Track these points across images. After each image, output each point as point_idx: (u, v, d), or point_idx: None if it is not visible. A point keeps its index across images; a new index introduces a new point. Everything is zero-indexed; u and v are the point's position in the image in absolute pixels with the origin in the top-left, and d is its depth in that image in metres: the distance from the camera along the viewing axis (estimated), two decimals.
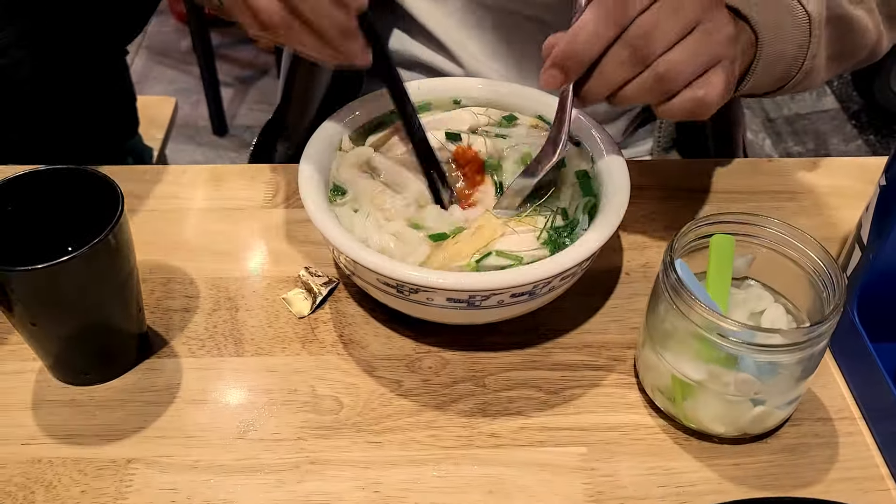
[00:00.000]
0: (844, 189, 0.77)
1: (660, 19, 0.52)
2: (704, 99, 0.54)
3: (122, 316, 0.58)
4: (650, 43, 0.52)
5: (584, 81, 0.55)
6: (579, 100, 0.56)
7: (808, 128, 2.60)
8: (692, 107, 0.55)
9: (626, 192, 0.60)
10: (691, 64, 0.53)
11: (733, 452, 0.56)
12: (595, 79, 0.54)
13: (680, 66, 0.53)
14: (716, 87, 0.54)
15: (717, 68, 0.55)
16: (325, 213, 0.58)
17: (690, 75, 0.54)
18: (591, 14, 0.52)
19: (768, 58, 0.62)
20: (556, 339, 0.63)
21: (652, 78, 0.53)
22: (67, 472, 0.54)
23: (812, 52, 0.64)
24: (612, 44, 0.53)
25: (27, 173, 0.56)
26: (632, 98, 0.55)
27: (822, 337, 0.51)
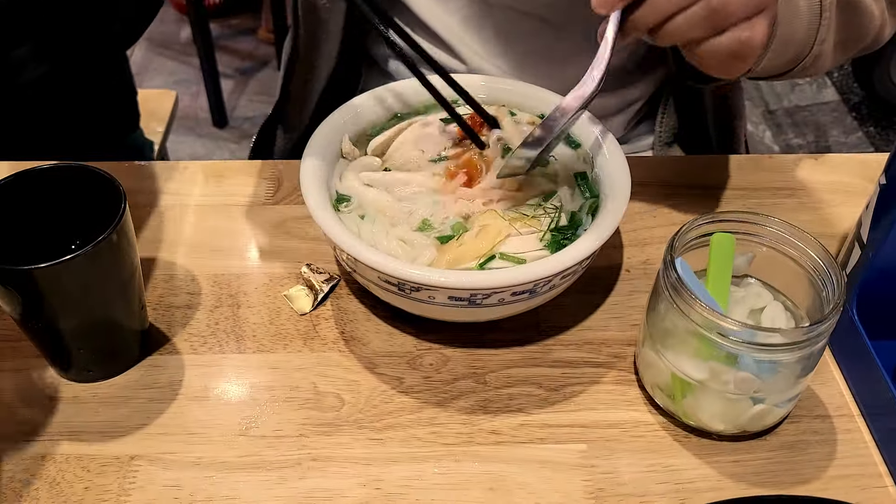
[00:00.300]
0: (845, 186, 0.77)
1: None
2: (750, 41, 0.54)
3: (124, 313, 0.58)
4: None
5: (633, 10, 0.54)
6: (623, 32, 0.55)
7: (808, 119, 2.59)
8: (738, 47, 0.54)
9: (626, 191, 0.60)
10: (743, 5, 0.53)
11: (732, 449, 0.57)
12: (647, 4, 0.53)
13: (733, 4, 0.53)
14: (760, 32, 0.54)
15: (761, 15, 0.55)
16: (326, 211, 0.58)
17: (740, 15, 0.54)
18: None
19: (781, 38, 0.62)
20: (556, 336, 0.63)
21: (704, 10, 0.53)
22: (71, 469, 0.55)
23: (821, 37, 0.64)
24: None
25: (29, 170, 0.56)
26: (678, 30, 0.54)
27: (821, 336, 0.51)
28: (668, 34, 0.54)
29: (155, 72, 2.54)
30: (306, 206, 0.59)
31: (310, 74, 0.84)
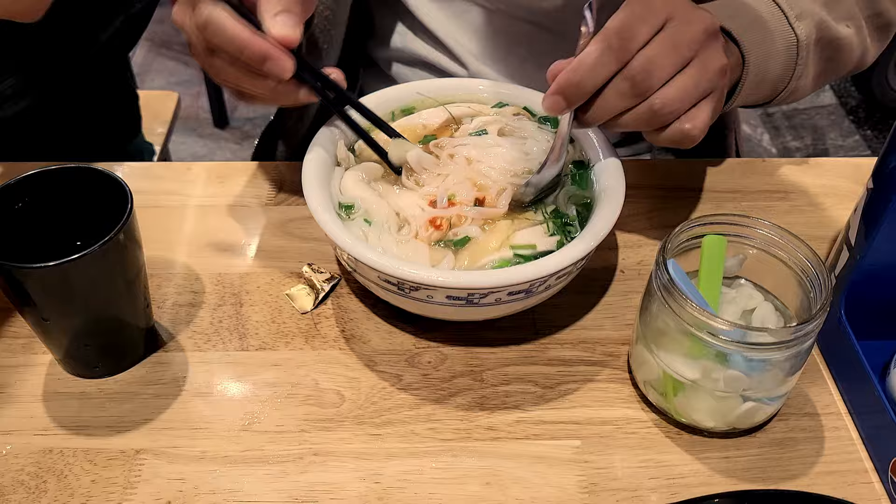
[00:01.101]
0: (837, 189, 0.78)
1: (659, 55, 0.55)
2: (690, 132, 0.58)
3: (130, 311, 0.60)
4: (649, 78, 0.55)
5: (586, 108, 0.57)
6: (578, 122, 0.59)
7: (805, 123, 2.61)
8: (679, 138, 0.58)
9: (620, 194, 0.61)
10: (684, 100, 0.56)
11: (723, 446, 0.58)
12: (595, 107, 0.57)
13: (674, 102, 0.56)
14: (701, 121, 0.58)
15: (705, 101, 0.58)
16: (327, 212, 0.59)
17: (682, 110, 0.57)
18: (595, 47, 0.55)
19: (755, 78, 0.65)
20: (552, 335, 0.65)
21: (647, 110, 0.56)
22: (78, 462, 0.56)
23: (798, 74, 0.67)
24: (614, 76, 0.56)
25: (38, 172, 0.57)
26: (627, 126, 0.58)
27: (809, 335, 0.52)
28: (619, 127, 0.58)
29: (156, 72, 2.55)
30: (308, 207, 0.60)
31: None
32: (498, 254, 0.60)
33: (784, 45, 0.65)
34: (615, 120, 0.58)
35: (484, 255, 0.60)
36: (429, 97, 0.71)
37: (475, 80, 0.73)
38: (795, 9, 0.66)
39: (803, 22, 0.66)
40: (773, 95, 0.69)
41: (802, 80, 0.68)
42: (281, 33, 0.56)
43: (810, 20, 0.66)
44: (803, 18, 0.66)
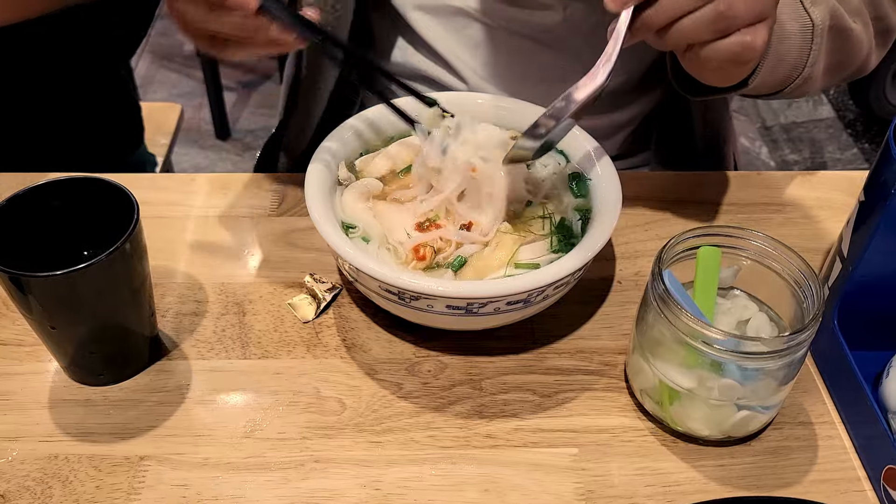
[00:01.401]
0: (831, 202, 0.80)
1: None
2: (752, 45, 0.56)
3: (135, 320, 0.61)
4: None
5: (644, 9, 0.56)
6: (634, 31, 0.57)
7: (804, 136, 2.63)
8: (740, 50, 0.57)
9: (617, 205, 0.62)
10: (748, 10, 0.55)
11: (718, 454, 0.59)
12: (659, 5, 0.55)
13: (738, 8, 0.55)
14: (762, 37, 0.57)
15: (763, 23, 0.57)
16: (330, 223, 0.61)
17: (744, 20, 0.56)
18: None
19: (773, 58, 0.64)
20: (550, 344, 0.66)
21: (712, 13, 0.55)
22: (83, 468, 0.57)
23: (812, 60, 0.67)
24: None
25: (47, 182, 0.59)
26: (686, 32, 0.56)
27: (801, 345, 0.53)
28: (676, 35, 0.56)
29: (159, 84, 2.57)
30: (310, 217, 0.61)
31: (312, 96, 0.86)
32: (502, 270, 0.61)
33: (800, 28, 0.65)
34: (675, 24, 0.56)
35: (488, 273, 0.61)
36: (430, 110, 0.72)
37: (473, 94, 0.74)
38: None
39: (818, 7, 0.66)
40: (787, 82, 0.68)
41: (816, 68, 0.68)
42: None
43: (824, 6, 0.67)
44: (818, 4, 0.66)
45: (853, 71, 0.75)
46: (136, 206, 0.57)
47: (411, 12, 0.82)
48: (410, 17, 0.83)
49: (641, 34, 0.57)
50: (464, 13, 0.81)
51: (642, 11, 0.56)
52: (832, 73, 0.72)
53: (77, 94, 1.02)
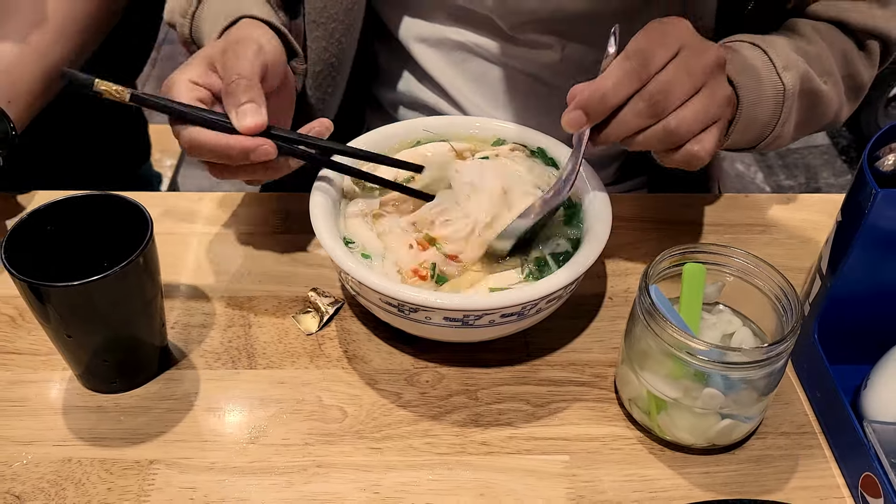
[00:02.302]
0: (815, 223, 0.83)
1: (674, 79, 0.59)
2: (698, 154, 0.62)
3: (147, 330, 0.63)
4: (665, 99, 0.59)
5: (602, 127, 0.61)
6: (594, 142, 0.62)
7: (799, 162, 2.67)
8: (689, 159, 0.62)
9: (608, 223, 0.65)
10: (696, 122, 0.60)
11: (703, 462, 0.61)
12: (613, 125, 0.60)
13: (687, 123, 0.60)
14: (710, 144, 0.62)
15: (714, 126, 0.62)
16: (334, 239, 0.63)
17: (694, 131, 0.61)
18: (617, 68, 0.59)
19: (746, 120, 0.69)
20: (543, 357, 0.68)
21: (662, 130, 0.60)
22: (95, 472, 0.59)
23: (782, 121, 0.72)
24: (632, 96, 0.59)
25: (66, 198, 0.62)
26: (642, 145, 0.61)
27: (780, 356, 0.56)
28: (633, 146, 0.62)
29: None
30: (315, 234, 0.64)
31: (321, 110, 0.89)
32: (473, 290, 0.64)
33: (772, 92, 0.70)
34: (630, 139, 0.61)
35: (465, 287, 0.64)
36: (432, 132, 0.75)
37: (472, 118, 0.78)
38: (783, 60, 0.71)
39: (790, 72, 0.71)
40: (758, 140, 0.73)
41: (786, 127, 0.73)
42: (250, 124, 0.63)
43: (795, 71, 0.71)
44: (790, 69, 0.71)
45: (823, 126, 0.81)
46: (151, 221, 0.60)
47: (414, 45, 0.86)
48: (413, 50, 0.86)
49: (602, 145, 0.62)
50: (465, 48, 0.84)
51: (600, 129, 0.61)
52: (803, 129, 0.78)
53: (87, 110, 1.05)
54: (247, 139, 0.63)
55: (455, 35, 0.84)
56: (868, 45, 0.78)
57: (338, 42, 0.81)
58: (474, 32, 0.83)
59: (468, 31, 0.83)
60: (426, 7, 0.83)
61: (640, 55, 0.59)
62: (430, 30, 0.84)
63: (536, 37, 0.81)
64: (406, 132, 0.75)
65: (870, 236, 0.58)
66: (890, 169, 0.58)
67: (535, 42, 0.82)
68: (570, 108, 0.60)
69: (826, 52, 0.75)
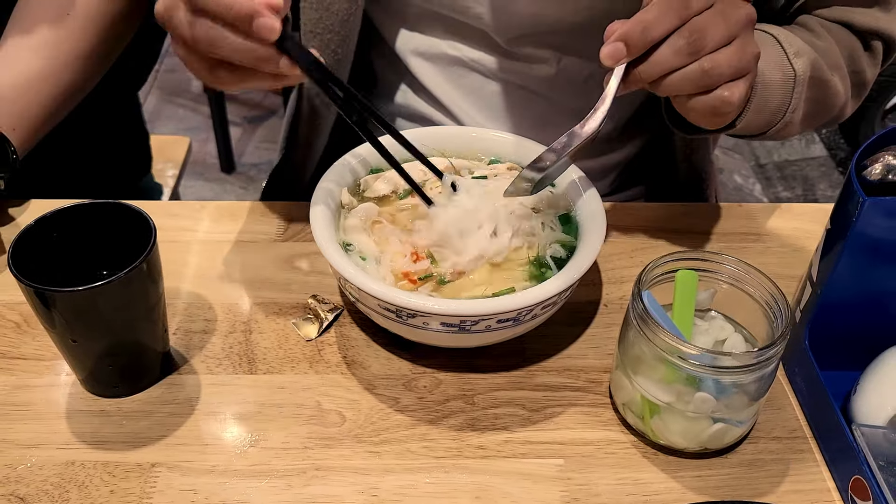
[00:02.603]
0: (808, 232, 0.84)
1: (711, 23, 0.60)
2: (729, 99, 0.62)
3: (150, 335, 0.65)
4: (703, 39, 0.60)
5: (636, 64, 0.61)
6: (627, 82, 0.62)
7: (797, 174, 2.68)
8: (720, 104, 0.62)
9: (602, 230, 0.67)
10: (730, 67, 0.61)
11: (696, 466, 0.62)
12: (650, 61, 0.61)
13: (721, 66, 0.61)
14: (739, 93, 0.62)
15: (744, 79, 0.63)
16: (333, 246, 0.65)
17: (726, 76, 0.61)
18: (658, 4, 0.60)
19: (758, 103, 0.70)
20: (539, 362, 0.69)
21: (698, 70, 0.60)
22: (98, 474, 0.60)
23: (793, 107, 0.73)
24: (670, 34, 0.60)
25: (71, 206, 0.63)
26: (674, 84, 0.61)
27: (770, 360, 0.57)
28: (665, 88, 0.62)
29: (167, 119, 2.63)
30: (315, 242, 0.65)
31: (314, 130, 0.90)
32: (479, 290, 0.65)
33: (783, 78, 0.71)
34: (664, 79, 0.61)
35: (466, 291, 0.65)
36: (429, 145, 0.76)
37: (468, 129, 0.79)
38: (794, 47, 0.72)
39: (800, 59, 0.72)
40: (769, 125, 0.74)
41: (796, 114, 0.74)
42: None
43: (806, 58, 0.73)
44: (800, 56, 0.72)
45: (831, 118, 0.82)
46: (154, 228, 0.61)
47: (411, 58, 0.87)
48: (410, 63, 0.88)
49: (633, 86, 0.63)
50: (461, 62, 0.85)
51: (635, 67, 0.61)
52: (811, 119, 0.79)
53: (91, 122, 1.07)
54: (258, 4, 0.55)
55: (451, 49, 0.85)
56: (872, 44, 0.80)
57: (333, 53, 0.82)
58: (470, 46, 0.84)
59: (464, 44, 0.84)
60: (422, 21, 0.85)
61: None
62: (426, 43, 0.86)
63: (532, 50, 0.83)
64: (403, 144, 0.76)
65: (857, 244, 0.59)
66: (877, 178, 0.59)
67: (530, 56, 0.83)
68: (608, 41, 0.60)
69: (834, 47, 0.77)
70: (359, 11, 0.80)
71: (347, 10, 0.79)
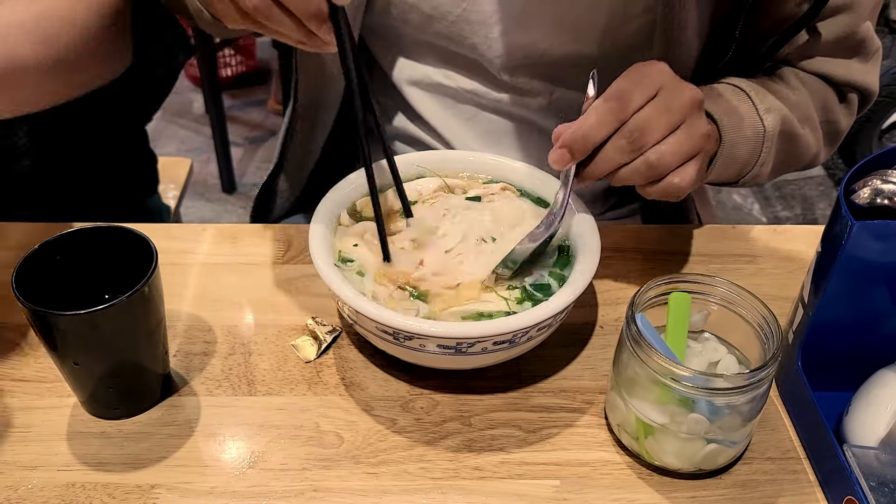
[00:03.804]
0: (800, 254, 0.85)
1: (653, 117, 0.63)
2: (680, 185, 0.65)
3: (150, 358, 0.65)
4: (644, 135, 0.63)
5: (586, 164, 0.65)
6: (579, 178, 0.66)
7: (795, 193, 2.69)
8: (671, 190, 0.65)
9: (596, 253, 0.68)
10: (676, 155, 0.64)
11: (690, 487, 0.63)
12: (596, 161, 0.64)
13: (667, 157, 0.63)
14: (690, 176, 0.65)
15: (693, 160, 0.65)
16: (331, 270, 0.66)
17: (674, 164, 0.64)
18: (598, 108, 0.63)
19: (727, 158, 0.73)
20: (535, 384, 0.70)
21: (643, 164, 0.64)
22: (98, 496, 0.61)
23: (761, 161, 0.75)
24: (613, 134, 0.63)
25: (74, 230, 0.64)
26: (624, 179, 0.65)
27: (762, 381, 0.58)
28: (617, 180, 0.66)
29: (168, 139, 2.66)
30: (314, 265, 0.66)
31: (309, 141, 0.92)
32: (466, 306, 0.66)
33: (753, 133, 0.74)
34: (613, 174, 0.65)
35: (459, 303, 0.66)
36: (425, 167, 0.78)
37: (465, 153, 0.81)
38: (765, 103, 0.75)
39: (770, 115, 0.75)
40: (738, 177, 0.77)
41: (765, 167, 0.77)
42: None
43: (776, 114, 0.75)
44: (771, 112, 0.75)
45: (802, 167, 0.85)
46: (156, 252, 0.62)
47: (406, 87, 0.89)
48: (405, 91, 0.89)
49: (587, 181, 0.66)
50: (455, 93, 0.87)
51: (585, 165, 0.65)
52: (781, 168, 0.82)
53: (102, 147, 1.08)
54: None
55: (445, 79, 0.87)
56: (849, 96, 0.83)
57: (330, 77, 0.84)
58: (464, 76, 0.86)
59: (458, 74, 0.86)
60: (416, 50, 0.86)
61: (620, 96, 0.62)
62: (420, 72, 0.87)
63: (525, 81, 0.84)
64: (400, 167, 0.77)
65: (847, 267, 0.60)
66: (866, 202, 0.60)
67: (524, 86, 0.85)
68: (555, 147, 0.64)
69: (807, 99, 0.80)
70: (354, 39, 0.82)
71: None
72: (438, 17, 0.81)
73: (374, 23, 0.84)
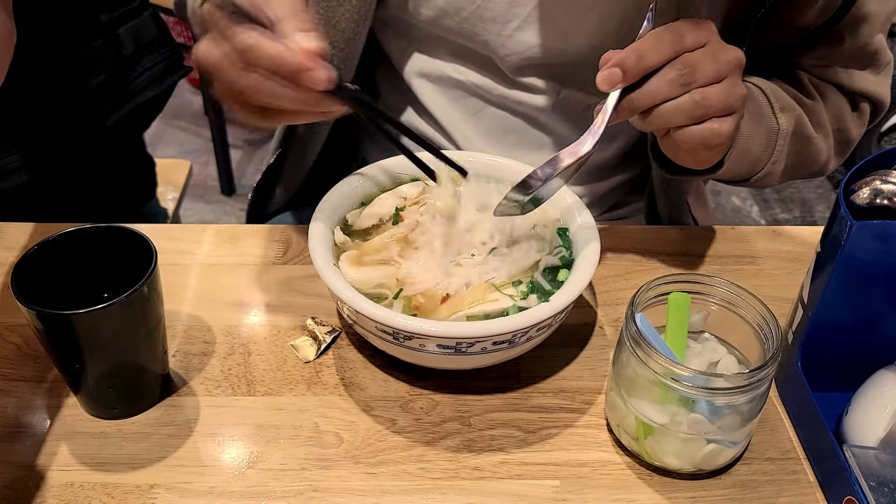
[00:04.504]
0: (801, 255, 0.85)
1: (703, 60, 0.62)
2: (720, 131, 0.64)
3: (149, 358, 0.65)
4: (694, 72, 0.62)
5: (630, 93, 0.63)
6: (619, 110, 0.63)
7: (794, 196, 2.69)
8: (709, 136, 0.64)
9: (595, 252, 0.68)
10: (719, 102, 0.63)
11: (690, 487, 0.63)
12: (643, 90, 0.62)
13: (711, 100, 0.62)
14: (728, 127, 0.64)
15: (732, 116, 0.64)
16: (331, 270, 0.66)
17: (716, 110, 0.63)
18: (654, 35, 0.62)
19: (741, 151, 0.72)
20: (535, 384, 0.70)
21: (689, 101, 0.62)
22: (97, 496, 0.61)
23: (774, 159, 0.75)
24: (664, 66, 0.62)
25: (73, 230, 0.64)
26: (666, 114, 0.63)
27: (762, 381, 0.58)
28: (656, 118, 0.63)
29: (167, 142, 2.65)
30: (313, 265, 0.66)
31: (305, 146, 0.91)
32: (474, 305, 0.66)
33: (766, 130, 0.74)
34: (655, 108, 0.63)
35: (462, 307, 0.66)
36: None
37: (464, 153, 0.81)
38: (780, 102, 0.75)
39: (785, 114, 0.75)
40: (751, 174, 0.76)
41: (777, 166, 0.76)
42: (311, 45, 0.58)
43: (791, 114, 0.75)
44: (786, 111, 0.75)
45: (811, 173, 0.85)
46: (155, 252, 0.62)
47: (414, 79, 0.89)
48: (413, 84, 0.89)
49: (626, 114, 0.64)
50: (463, 86, 0.87)
51: (629, 94, 0.63)
52: (792, 171, 0.81)
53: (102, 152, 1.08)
54: (306, 57, 0.58)
55: (454, 72, 0.87)
56: (861, 105, 0.83)
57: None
58: (474, 71, 0.86)
59: (468, 69, 0.86)
60: (428, 43, 0.86)
61: (677, 30, 0.62)
62: (430, 65, 0.87)
63: (534, 80, 0.84)
64: (401, 167, 0.77)
65: (846, 267, 0.60)
66: (865, 202, 0.60)
67: (532, 85, 0.85)
68: (607, 66, 0.62)
69: (821, 106, 0.80)
70: (365, 31, 0.81)
71: (354, 28, 0.80)
72: (452, 12, 0.81)
73: (387, 16, 0.84)
